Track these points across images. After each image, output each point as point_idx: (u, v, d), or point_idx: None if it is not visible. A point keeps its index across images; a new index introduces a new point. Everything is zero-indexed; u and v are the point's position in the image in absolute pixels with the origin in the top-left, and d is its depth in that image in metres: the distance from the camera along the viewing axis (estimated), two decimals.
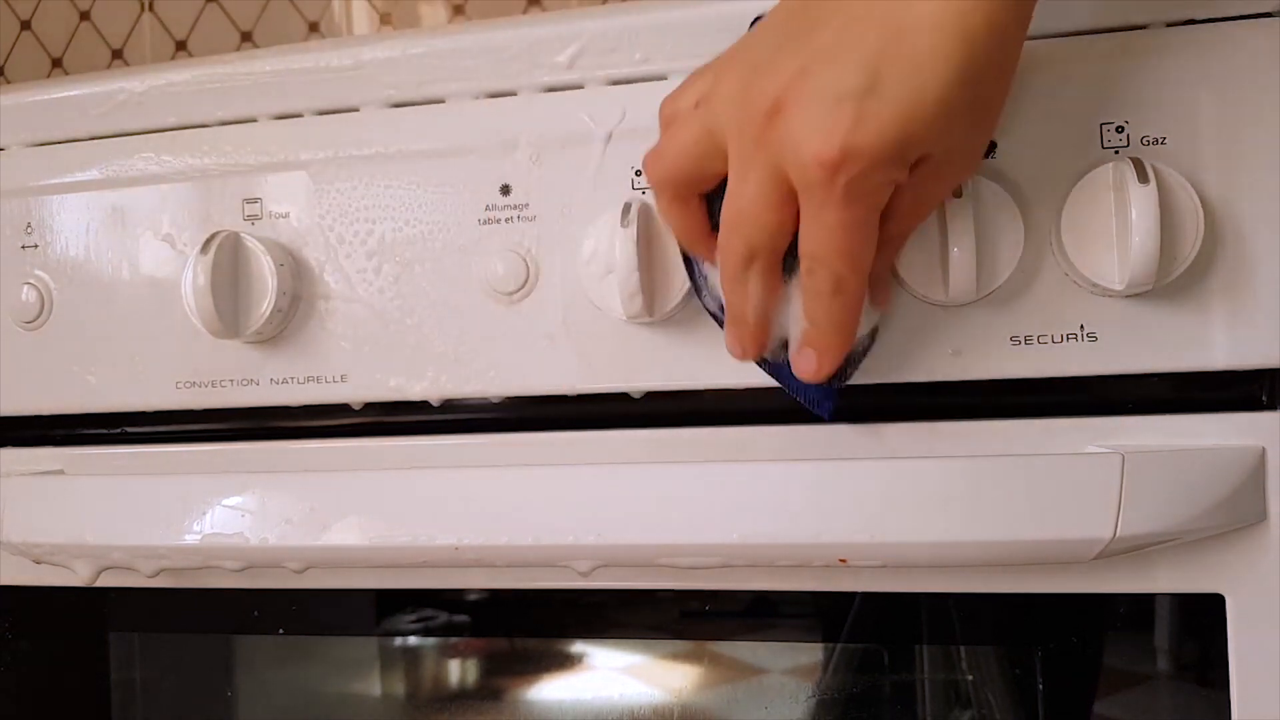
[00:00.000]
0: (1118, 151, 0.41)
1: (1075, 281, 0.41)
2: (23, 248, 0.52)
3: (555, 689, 0.50)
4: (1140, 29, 0.41)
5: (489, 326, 0.46)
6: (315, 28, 0.94)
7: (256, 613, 0.52)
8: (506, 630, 0.50)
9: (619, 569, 0.44)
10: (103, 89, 0.52)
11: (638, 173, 0.45)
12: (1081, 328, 0.41)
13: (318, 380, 0.48)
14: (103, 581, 0.49)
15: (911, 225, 0.39)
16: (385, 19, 0.93)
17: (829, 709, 0.47)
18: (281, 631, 0.52)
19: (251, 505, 0.46)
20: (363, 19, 0.93)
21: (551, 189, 0.46)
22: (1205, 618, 0.41)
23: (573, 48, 0.46)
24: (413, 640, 0.52)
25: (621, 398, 0.46)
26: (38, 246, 0.52)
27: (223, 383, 0.50)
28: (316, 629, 0.52)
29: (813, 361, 0.39)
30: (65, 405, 0.52)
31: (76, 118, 0.52)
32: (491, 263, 0.46)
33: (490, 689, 0.52)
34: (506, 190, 0.46)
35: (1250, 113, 0.40)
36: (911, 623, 0.45)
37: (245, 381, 0.49)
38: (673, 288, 0.43)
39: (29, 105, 0.53)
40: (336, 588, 0.50)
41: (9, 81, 1.02)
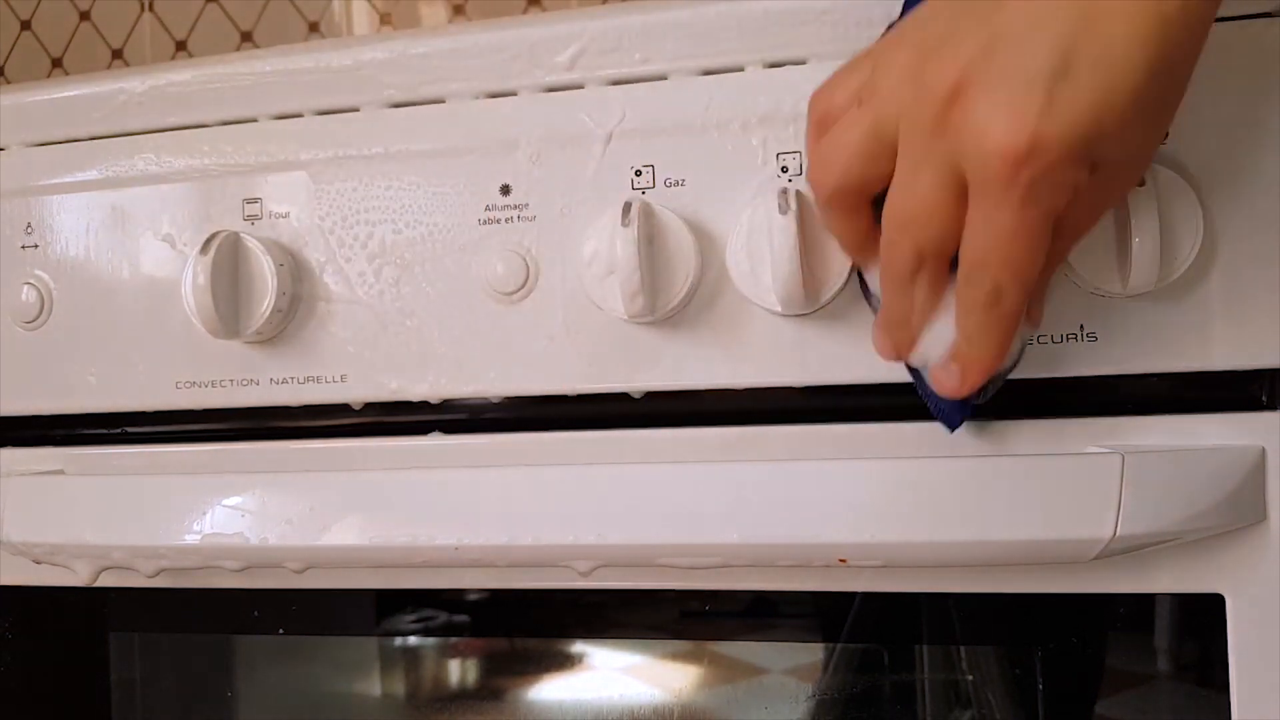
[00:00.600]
0: None
1: (1075, 282, 0.41)
2: (23, 248, 0.52)
3: (555, 689, 0.50)
4: None
5: (489, 326, 0.46)
6: (315, 28, 0.94)
7: (256, 613, 0.52)
8: (506, 630, 0.50)
9: (619, 569, 0.44)
10: (103, 89, 0.52)
11: (638, 173, 0.45)
12: (1081, 328, 0.41)
13: (318, 380, 0.48)
14: (103, 581, 0.49)
15: (1077, 238, 0.37)
16: (385, 19, 0.93)
17: (829, 709, 0.47)
18: (281, 631, 0.52)
19: (251, 505, 0.46)
20: (363, 19, 0.93)
21: (551, 189, 0.46)
22: (1205, 618, 0.41)
23: (573, 48, 0.46)
24: (413, 640, 0.52)
25: (621, 398, 0.46)
26: (38, 246, 0.52)
27: (223, 383, 0.50)
28: (316, 629, 0.52)
29: (955, 378, 0.36)
30: (65, 405, 0.52)
31: (76, 118, 0.52)
32: (491, 263, 0.46)
33: (490, 689, 0.52)
34: (506, 190, 0.46)
35: (1250, 113, 0.40)
36: (911, 623, 0.45)
37: (245, 381, 0.49)
38: (674, 286, 0.43)
39: (29, 105, 0.53)
40: (336, 588, 0.50)
41: (9, 81, 1.02)
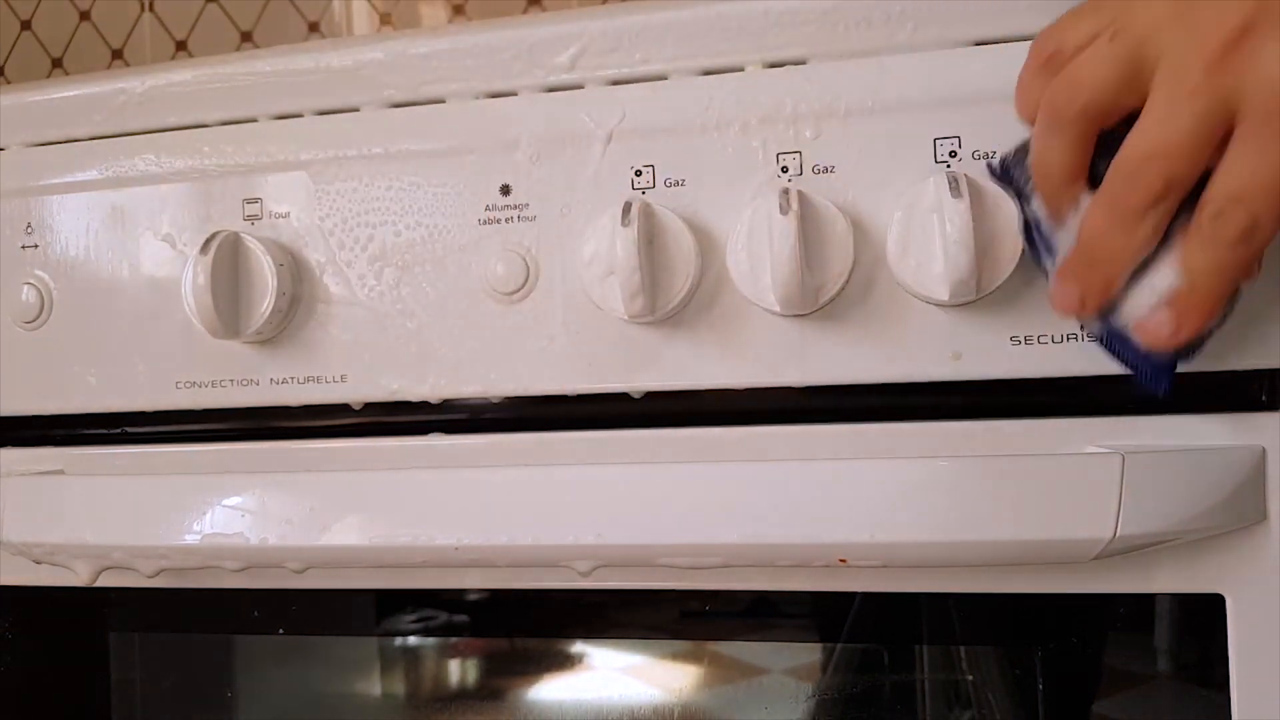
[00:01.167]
0: None
1: None
2: (23, 248, 0.52)
3: (555, 689, 0.50)
4: None
5: (489, 327, 0.46)
6: (315, 28, 0.94)
7: (256, 613, 0.52)
8: (506, 630, 0.50)
9: (619, 569, 0.44)
10: (103, 89, 0.52)
11: (638, 173, 0.45)
12: (1082, 328, 0.41)
13: (318, 380, 0.48)
14: (103, 581, 0.49)
15: None
16: (385, 19, 0.93)
17: (829, 709, 0.47)
18: (281, 631, 0.52)
19: (251, 505, 0.46)
20: (363, 19, 0.93)
21: (551, 189, 0.46)
22: (1205, 618, 0.41)
23: (573, 48, 0.46)
24: (413, 640, 0.52)
25: (621, 398, 0.46)
26: (38, 246, 0.52)
27: (223, 383, 0.50)
28: (316, 629, 0.52)
29: (1170, 325, 0.36)
30: (65, 405, 0.52)
31: (76, 118, 0.52)
32: (491, 263, 0.46)
33: (490, 689, 0.52)
34: (506, 190, 0.46)
35: None
36: (911, 623, 0.45)
37: (245, 381, 0.49)
38: (674, 286, 0.43)
39: (29, 105, 0.53)
40: (336, 588, 0.50)
41: (9, 81, 1.02)
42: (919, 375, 0.43)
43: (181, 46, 0.97)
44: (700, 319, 0.44)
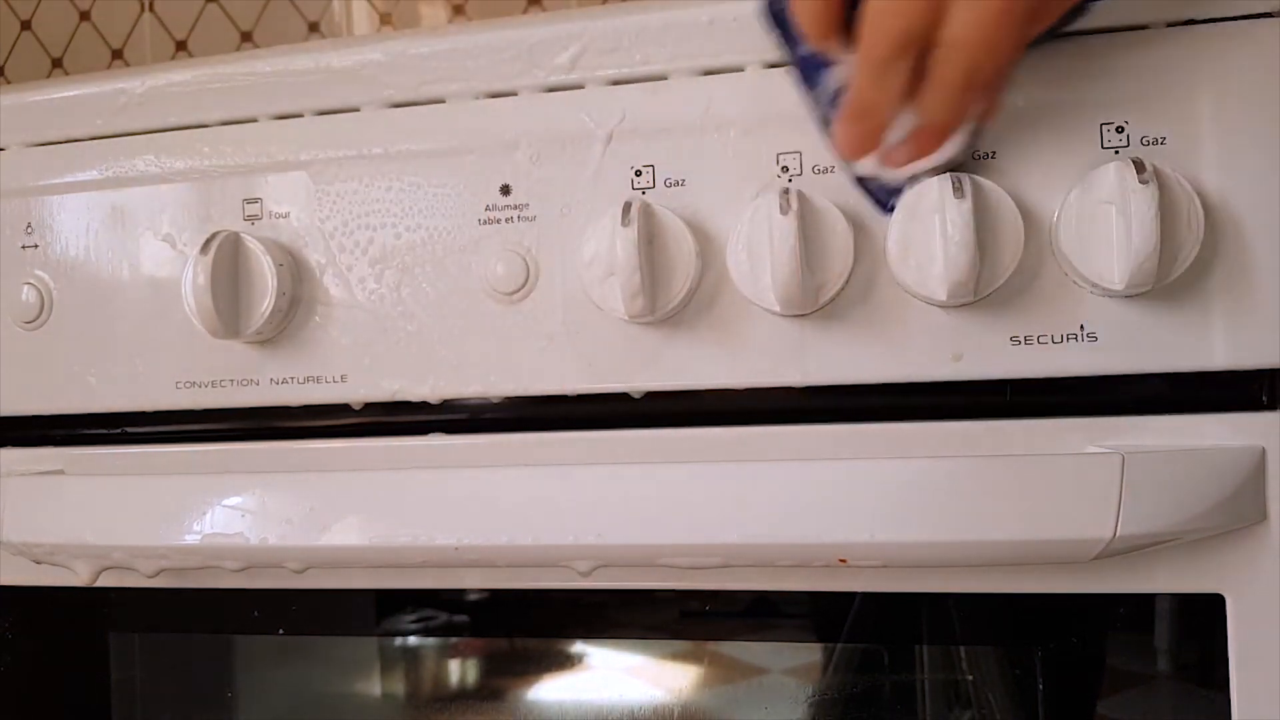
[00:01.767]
0: (1118, 151, 0.41)
1: (1075, 281, 0.41)
2: (23, 248, 0.52)
3: (555, 689, 0.50)
4: (1140, 29, 0.41)
5: (489, 327, 0.46)
6: (315, 28, 0.94)
7: (256, 613, 0.52)
8: (506, 630, 0.50)
9: (619, 569, 0.44)
10: (103, 89, 0.52)
11: (638, 173, 0.45)
12: (1081, 328, 0.41)
13: (318, 380, 0.48)
14: (103, 581, 0.49)
15: (1043, 27, 0.39)
16: (385, 19, 0.93)
17: (829, 709, 0.47)
18: (281, 631, 0.52)
19: (251, 505, 0.46)
20: (363, 19, 0.93)
21: (551, 189, 0.46)
22: (1205, 618, 0.41)
23: (573, 48, 0.46)
24: (413, 640, 0.52)
25: (621, 398, 0.46)
26: (38, 246, 0.52)
27: (223, 383, 0.50)
28: (316, 629, 0.52)
29: (905, 155, 0.40)
30: (65, 405, 0.52)
31: (76, 118, 0.52)
32: (491, 263, 0.46)
33: (490, 689, 0.52)
34: (506, 190, 0.46)
35: (1250, 113, 0.40)
36: (911, 623, 0.45)
37: (245, 382, 0.49)
38: (674, 286, 0.43)
39: (29, 105, 0.53)
40: (336, 588, 0.50)
41: (9, 81, 1.02)
42: (919, 375, 0.43)
43: (181, 46, 0.97)
44: (700, 319, 0.44)
